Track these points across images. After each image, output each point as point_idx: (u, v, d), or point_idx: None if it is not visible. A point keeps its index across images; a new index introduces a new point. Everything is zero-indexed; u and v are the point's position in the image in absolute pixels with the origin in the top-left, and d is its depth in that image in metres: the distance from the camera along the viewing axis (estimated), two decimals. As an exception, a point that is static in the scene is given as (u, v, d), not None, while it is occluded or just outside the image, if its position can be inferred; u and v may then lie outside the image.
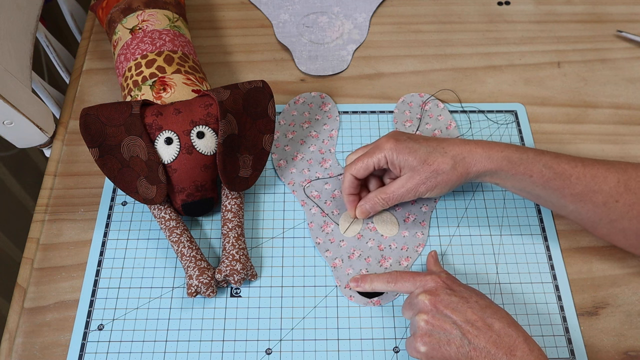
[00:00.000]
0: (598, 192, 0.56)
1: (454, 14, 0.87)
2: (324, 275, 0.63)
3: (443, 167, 0.58)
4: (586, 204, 0.57)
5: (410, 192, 0.60)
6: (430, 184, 0.59)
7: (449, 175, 0.58)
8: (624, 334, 0.59)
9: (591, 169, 0.56)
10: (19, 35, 0.71)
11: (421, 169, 0.59)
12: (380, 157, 0.60)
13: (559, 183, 0.57)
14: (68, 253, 0.64)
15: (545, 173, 0.57)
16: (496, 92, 0.77)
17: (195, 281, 0.59)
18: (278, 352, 0.58)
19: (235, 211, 0.63)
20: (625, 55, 0.82)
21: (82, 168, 0.70)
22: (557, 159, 0.57)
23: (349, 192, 0.64)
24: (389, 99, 0.77)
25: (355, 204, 0.64)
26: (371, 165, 0.61)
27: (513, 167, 0.57)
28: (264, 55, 0.82)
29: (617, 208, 0.56)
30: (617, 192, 0.55)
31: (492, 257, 0.64)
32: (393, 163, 0.60)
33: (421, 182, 0.59)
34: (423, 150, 0.59)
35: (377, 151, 0.60)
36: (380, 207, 0.63)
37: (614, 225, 0.57)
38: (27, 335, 0.59)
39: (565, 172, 0.56)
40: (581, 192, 0.56)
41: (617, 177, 0.56)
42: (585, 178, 0.56)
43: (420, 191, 0.60)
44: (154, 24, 0.70)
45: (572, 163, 0.57)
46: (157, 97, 0.64)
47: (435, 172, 0.59)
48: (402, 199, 0.61)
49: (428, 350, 0.51)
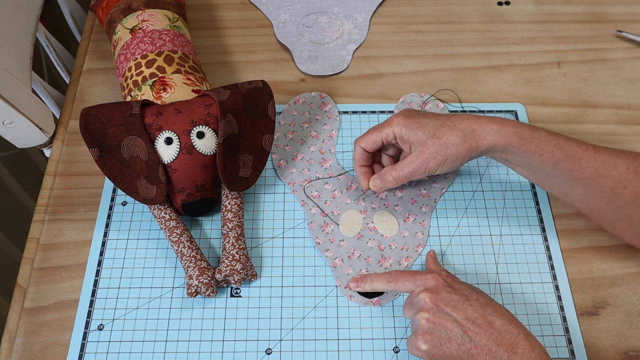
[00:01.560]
0: (607, 177, 0.56)
1: (454, 14, 0.87)
2: (324, 275, 0.63)
3: (452, 140, 0.58)
4: (594, 188, 0.56)
5: (420, 168, 0.60)
6: (440, 158, 0.59)
7: (459, 148, 0.58)
8: (624, 334, 0.59)
9: (602, 153, 0.56)
10: (19, 35, 0.71)
11: (430, 142, 0.59)
12: (389, 131, 0.60)
13: (569, 165, 0.56)
14: (68, 253, 0.64)
15: (556, 153, 0.57)
16: (496, 92, 0.77)
17: (195, 281, 0.59)
18: (278, 352, 0.58)
19: (235, 211, 0.63)
20: (625, 55, 0.82)
21: (82, 168, 0.70)
22: (569, 141, 0.57)
23: (360, 164, 0.64)
24: (389, 99, 0.77)
25: (367, 175, 0.64)
26: (379, 140, 0.61)
27: (524, 144, 0.57)
28: (264, 55, 0.82)
29: (624, 195, 0.55)
30: (626, 178, 0.55)
31: (492, 257, 0.64)
32: (402, 138, 0.60)
33: (430, 157, 0.59)
34: (432, 124, 0.59)
35: (386, 126, 0.61)
36: (391, 184, 0.62)
37: (620, 211, 0.56)
38: (27, 335, 0.59)
39: (576, 154, 0.56)
40: (590, 176, 0.56)
41: (628, 164, 0.56)
42: (595, 162, 0.56)
43: (431, 166, 0.59)
44: (154, 24, 0.70)
45: (584, 147, 0.57)
46: (157, 97, 0.64)
47: (445, 145, 0.58)
48: (412, 176, 0.60)
49: (429, 348, 0.51)
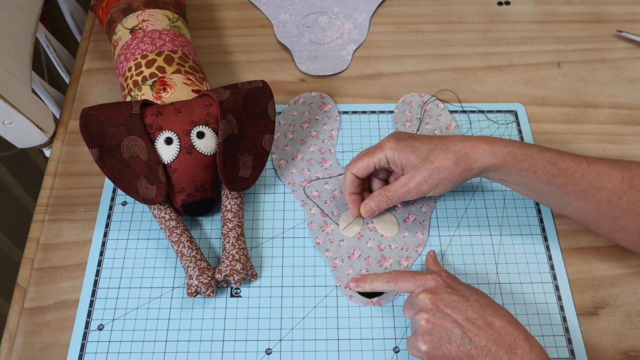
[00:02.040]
0: (602, 190, 0.56)
1: (454, 14, 0.87)
2: (324, 275, 0.63)
3: (445, 164, 0.58)
4: (590, 201, 0.56)
5: (413, 191, 0.60)
6: (433, 182, 0.59)
7: (451, 172, 0.58)
8: (624, 334, 0.59)
9: (595, 166, 0.56)
10: (19, 35, 0.71)
11: (423, 166, 0.59)
12: (381, 156, 0.60)
13: (563, 180, 0.57)
14: (68, 253, 0.64)
15: (549, 169, 0.57)
16: (496, 92, 0.77)
17: (195, 281, 0.59)
18: (278, 352, 0.58)
19: (235, 211, 0.63)
20: (625, 55, 0.82)
21: (82, 168, 0.70)
22: (562, 156, 0.57)
23: (351, 191, 0.64)
24: (389, 99, 0.77)
25: (357, 202, 0.64)
26: (372, 165, 0.61)
27: (517, 163, 0.57)
28: (264, 55, 0.82)
29: (620, 206, 0.56)
30: (621, 189, 0.55)
31: (492, 257, 0.64)
32: (395, 162, 0.60)
33: (423, 180, 0.59)
34: (424, 148, 0.59)
35: (378, 151, 0.60)
36: (385, 205, 0.62)
37: (617, 222, 0.57)
38: (27, 335, 0.59)
39: (570, 168, 0.56)
40: (585, 189, 0.56)
41: (622, 175, 0.56)
42: (589, 175, 0.56)
43: (423, 190, 0.59)
44: (154, 24, 0.70)
45: (577, 160, 0.57)
46: (157, 97, 0.64)
47: (437, 169, 0.58)
48: (405, 198, 0.61)
49: (429, 349, 0.51)
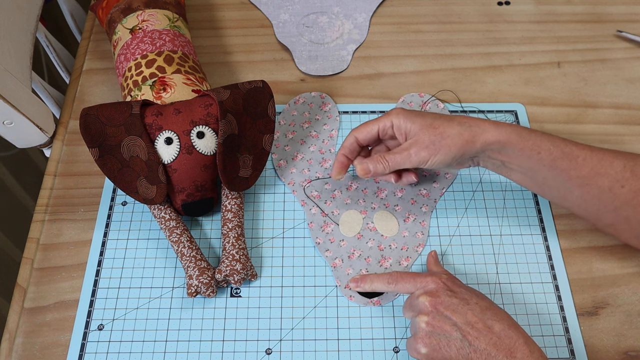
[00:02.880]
0: (604, 176, 0.56)
1: (454, 14, 0.87)
2: (324, 275, 0.63)
3: (449, 132, 0.58)
4: (592, 188, 0.56)
5: (412, 156, 0.59)
6: (435, 148, 0.58)
7: (454, 140, 0.58)
8: (624, 334, 0.59)
9: (598, 153, 0.57)
10: (19, 35, 0.71)
11: (426, 131, 0.59)
12: (387, 121, 0.60)
13: (565, 163, 0.57)
14: (68, 253, 0.64)
15: (553, 151, 0.57)
16: (496, 92, 0.77)
17: (195, 281, 0.59)
18: (278, 352, 0.58)
19: (235, 211, 0.63)
20: (625, 55, 0.82)
21: (82, 168, 0.70)
22: (565, 141, 0.58)
23: (344, 153, 0.63)
24: (389, 99, 0.77)
25: (344, 166, 0.63)
26: (375, 130, 0.61)
27: (521, 141, 0.57)
28: (264, 55, 0.82)
29: (622, 194, 0.55)
30: (623, 177, 0.55)
31: (492, 257, 0.64)
32: (399, 128, 0.60)
33: (424, 146, 0.58)
34: (430, 116, 0.60)
35: (384, 118, 0.61)
36: (381, 168, 0.61)
37: (619, 212, 0.56)
38: (27, 335, 0.59)
39: (573, 152, 0.57)
40: (587, 175, 0.56)
41: (624, 163, 0.56)
42: (592, 160, 0.56)
43: (422, 156, 0.59)
44: (154, 24, 0.70)
45: (580, 146, 0.57)
46: (157, 97, 0.64)
47: (440, 135, 0.58)
48: (403, 164, 0.60)
49: (428, 351, 0.52)
